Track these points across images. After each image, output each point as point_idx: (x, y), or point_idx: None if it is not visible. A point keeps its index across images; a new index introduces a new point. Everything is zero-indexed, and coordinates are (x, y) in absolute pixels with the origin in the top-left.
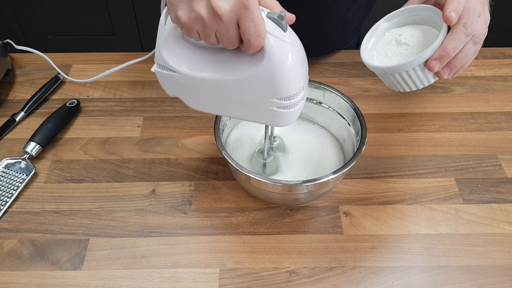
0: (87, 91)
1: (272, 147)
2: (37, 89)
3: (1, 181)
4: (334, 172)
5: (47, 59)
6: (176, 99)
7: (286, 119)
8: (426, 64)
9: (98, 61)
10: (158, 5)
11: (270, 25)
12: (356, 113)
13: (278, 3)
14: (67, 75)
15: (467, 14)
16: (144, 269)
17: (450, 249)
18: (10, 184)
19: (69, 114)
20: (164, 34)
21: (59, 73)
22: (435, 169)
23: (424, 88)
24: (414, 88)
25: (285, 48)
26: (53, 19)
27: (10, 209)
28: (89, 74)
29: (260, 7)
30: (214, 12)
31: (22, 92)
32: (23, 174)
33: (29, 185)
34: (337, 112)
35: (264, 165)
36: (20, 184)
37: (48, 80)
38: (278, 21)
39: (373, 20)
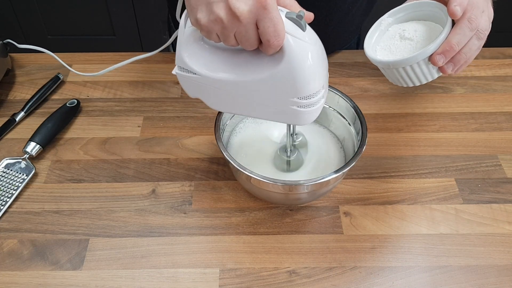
0: (87, 91)
1: (295, 144)
2: (37, 89)
3: (1, 181)
4: (335, 172)
5: (52, 54)
6: (177, 99)
7: (306, 118)
8: (431, 58)
9: (98, 61)
10: (158, 5)
11: (289, 25)
12: (356, 112)
13: (296, 3)
14: (67, 75)
15: (471, 9)
16: (144, 269)
17: (450, 249)
18: (10, 184)
19: (69, 114)
20: (184, 37)
21: (59, 73)
22: (435, 169)
23: (424, 88)
24: (417, 83)
25: (304, 47)
26: (53, 19)
27: (10, 209)
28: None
29: (279, 7)
30: (233, 14)
31: (22, 92)
32: (23, 174)
33: (29, 185)
34: (337, 111)
35: (288, 162)
36: (20, 184)
37: (48, 80)
38: (297, 20)
39: (373, 20)
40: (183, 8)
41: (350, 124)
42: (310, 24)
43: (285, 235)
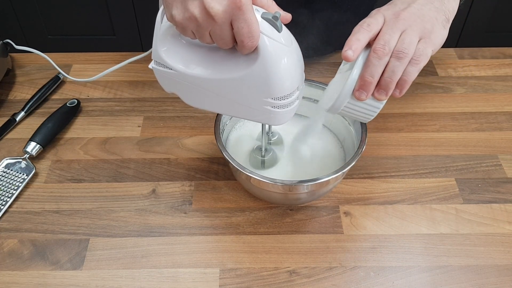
0: (87, 91)
1: (270, 142)
2: (37, 89)
3: (2, 181)
4: (335, 172)
5: (47, 58)
6: (177, 99)
7: (280, 118)
8: (354, 95)
9: (98, 61)
10: (158, 5)
11: (265, 26)
12: None
13: (274, 3)
14: (68, 75)
15: (378, 39)
16: (144, 269)
17: (451, 249)
18: (10, 184)
19: (69, 114)
20: (160, 32)
21: (59, 73)
22: (435, 169)
23: (424, 88)
24: (373, 115)
25: (279, 48)
26: (53, 19)
27: (11, 209)
28: (89, 74)
29: (255, 7)
30: (207, 13)
31: (22, 92)
32: (23, 174)
33: (29, 185)
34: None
35: (263, 162)
36: (20, 184)
37: (48, 80)
38: (272, 21)
39: None
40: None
41: (350, 124)
42: (311, 23)
43: (285, 235)
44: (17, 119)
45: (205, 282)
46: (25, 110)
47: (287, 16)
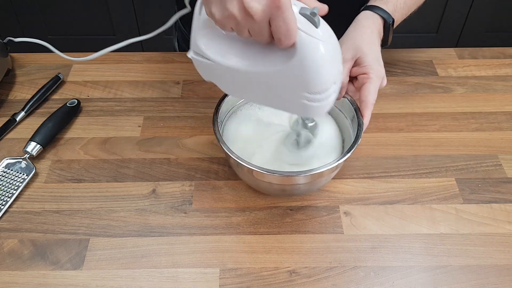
0: (87, 91)
1: (307, 128)
2: (37, 89)
3: (2, 181)
4: (330, 164)
5: (49, 46)
6: (177, 99)
7: (316, 111)
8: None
9: (98, 61)
10: (157, 6)
11: (302, 22)
12: (353, 105)
13: None
14: (67, 75)
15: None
16: (145, 269)
17: (451, 249)
18: (10, 184)
19: (69, 114)
20: (199, 23)
21: (59, 73)
22: (436, 169)
23: (425, 87)
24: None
25: (316, 44)
26: (53, 19)
27: (11, 209)
28: (90, 73)
29: (293, 1)
30: (246, 12)
31: (22, 92)
32: (23, 174)
33: (29, 185)
34: (338, 109)
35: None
36: (20, 184)
37: (48, 80)
38: (310, 17)
39: None
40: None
41: (346, 118)
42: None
43: (285, 235)
44: (17, 119)
45: (205, 282)
46: (25, 110)
47: (324, 8)
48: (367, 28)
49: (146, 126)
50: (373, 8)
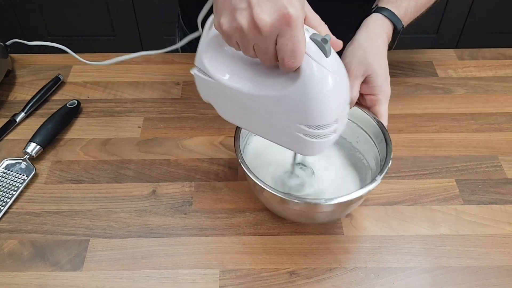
0: (87, 92)
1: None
2: (37, 90)
3: (2, 181)
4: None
5: (62, 47)
6: (177, 100)
7: (312, 149)
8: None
9: (98, 61)
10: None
11: (312, 48)
12: (382, 131)
13: (326, 26)
14: (67, 76)
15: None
16: (144, 270)
17: (451, 250)
18: (10, 184)
19: (69, 114)
20: (207, 39)
21: (59, 74)
22: (436, 170)
23: (425, 88)
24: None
25: (322, 74)
26: (53, 20)
27: (11, 210)
28: (90, 74)
29: (306, 26)
30: (254, 24)
31: (22, 93)
32: (23, 175)
33: (29, 185)
34: (361, 128)
35: (289, 188)
36: (20, 185)
37: (48, 81)
38: (321, 44)
39: None
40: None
41: (373, 141)
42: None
43: (285, 236)
44: (17, 120)
45: (205, 283)
46: (25, 111)
47: (338, 43)
48: (378, 38)
49: (146, 127)
50: (385, 11)
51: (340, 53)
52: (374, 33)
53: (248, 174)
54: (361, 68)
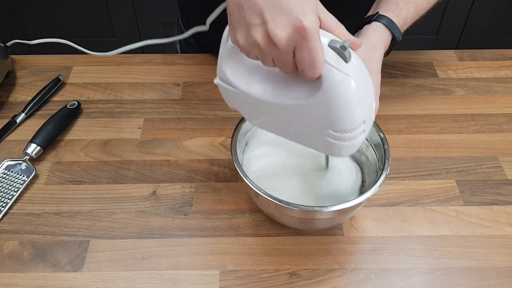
0: (87, 93)
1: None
2: (37, 91)
3: (2, 182)
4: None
5: (67, 42)
6: (177, 101)
7: (342, 151)
8: None
9: (98, 62)
10: (158, 7)
11: (331, 55)
12: (382, 141)
13: (343, 27)
14: (68, 77)
15: None
16: (145, 271)
17: (451, 251)
18: (10, 185)
19: (69, 115)
20: (226, 49)
21: (59, 75)
22: (436, 171)
23: (425, 89)
24: None
25: (344, 80)
26: (53, 20)
27: (11, 211)
28: (90, 75)
29: (323, 31)
30: (270, 40)
31: (23, 94)
32: (23, 176)
33: (29, 186)
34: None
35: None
36: (20, 186)
37: (49, 81)
38: (340, 50)
39: None
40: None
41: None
42: None
43: (285, 237)
44: (18, 121)
45: (205, 284)
46: (25, 112)
47: (357, 42)
48: (377, 51)
49: (146, 128)
50: (385, 20)
51: None
52: (374, 45)
53: (245, 179)
54: None
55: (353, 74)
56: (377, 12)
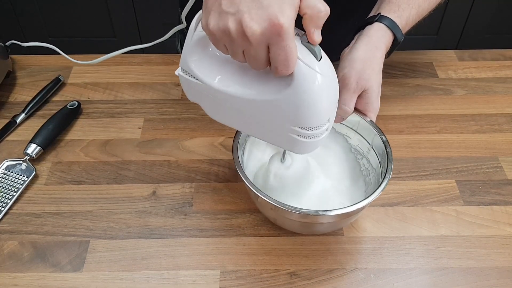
0: (87, 93)
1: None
2: (38, 91)
3: (2, 182)
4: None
5: (55, 48)
6: (177, 101)
7: (305, 148)
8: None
9: (98, 63)
10: (158, 8)
11: (303, 52)
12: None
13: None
14: (68, 77)
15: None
16: (145, 271)
17: (451, 251)
18: (10, 186)
19: (69, 116)
20: (192, 40)
21: (60, 75)
22: (436, 171)
23: (425, 89)
24: None
25: (314, 78)
26: (54, 21)
27: (11, 211)
28: (90, 76)
29: (297, 29)
30: (242, 32)
31: (23, 94)
32: (23, 176)
33: (29, 186)
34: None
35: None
36: (20, 186)
37: (49, 82)
38: (311, 48)
39: None
40: (192, 10)
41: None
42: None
43: (285, 237)
44: (18, 121)
45: (205, 284)
46: (25, 112)
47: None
48: (378, 51)
49: (147, 128)
50: (387, 21)
51: (337, 57)
52: (375, 45)
53: (246, 182)
54: (360, 82)
55: (324, 72)
56: (379, 13)
